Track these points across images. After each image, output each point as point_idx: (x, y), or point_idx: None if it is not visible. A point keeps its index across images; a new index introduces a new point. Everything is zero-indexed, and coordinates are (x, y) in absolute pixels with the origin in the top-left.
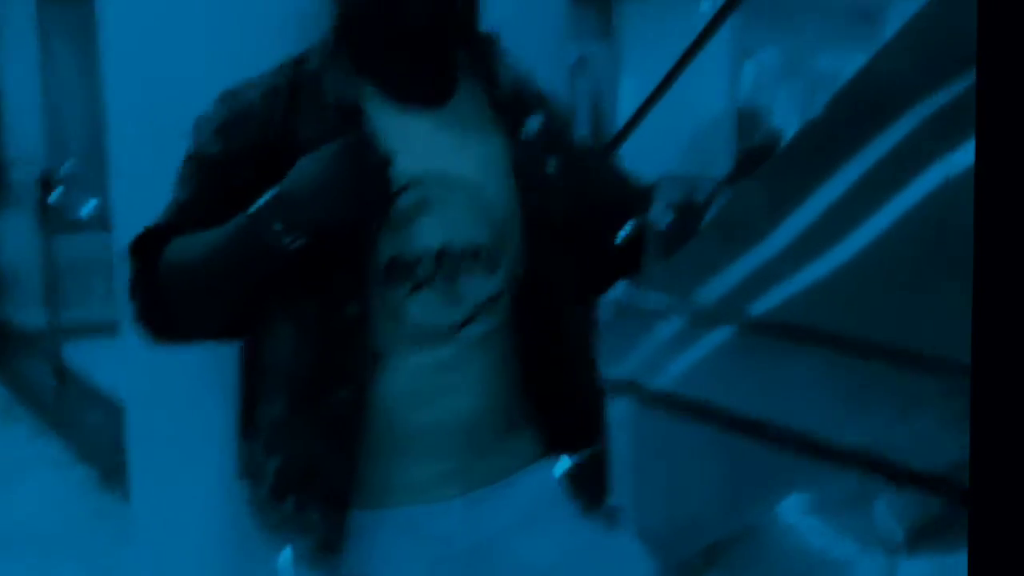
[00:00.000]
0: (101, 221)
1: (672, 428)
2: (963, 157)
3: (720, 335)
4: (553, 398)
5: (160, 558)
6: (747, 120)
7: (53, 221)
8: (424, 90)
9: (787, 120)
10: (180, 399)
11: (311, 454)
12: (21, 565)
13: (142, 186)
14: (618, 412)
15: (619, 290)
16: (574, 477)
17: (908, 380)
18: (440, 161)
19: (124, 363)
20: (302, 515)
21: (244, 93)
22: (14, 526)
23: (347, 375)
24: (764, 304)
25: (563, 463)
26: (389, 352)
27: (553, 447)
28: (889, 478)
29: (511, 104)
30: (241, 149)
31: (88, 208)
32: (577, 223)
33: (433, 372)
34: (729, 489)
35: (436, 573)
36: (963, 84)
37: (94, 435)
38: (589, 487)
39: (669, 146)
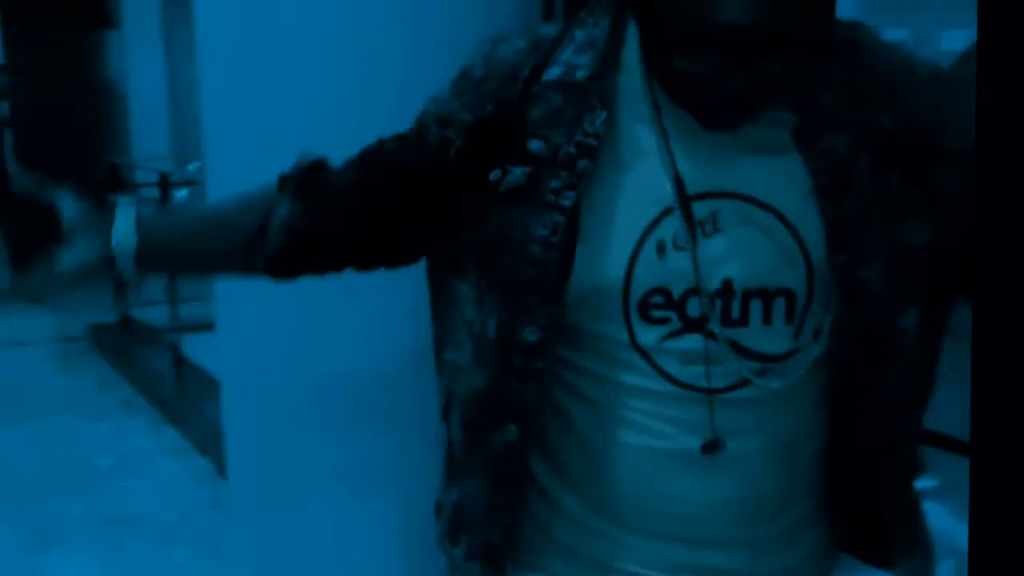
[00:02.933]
0: None
1: None
2: None
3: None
4: (854, 495)
5: (260, 543)
6: None
7: None
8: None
9: None
10: (279, 386)
11: (479, 495)
12: (139, 551)
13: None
14: None
15: None
16: None
17: None
18: (739, 181)
19: (223, 349)
20: (468, 565)
21: (503, 49)
22: (133, 514)
23: (517, 411)
24: None
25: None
26: (610, 411)
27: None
28: None
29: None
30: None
31: None
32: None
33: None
34: None
35: None
36: None
37: (212, 426)
38: None
39: None
